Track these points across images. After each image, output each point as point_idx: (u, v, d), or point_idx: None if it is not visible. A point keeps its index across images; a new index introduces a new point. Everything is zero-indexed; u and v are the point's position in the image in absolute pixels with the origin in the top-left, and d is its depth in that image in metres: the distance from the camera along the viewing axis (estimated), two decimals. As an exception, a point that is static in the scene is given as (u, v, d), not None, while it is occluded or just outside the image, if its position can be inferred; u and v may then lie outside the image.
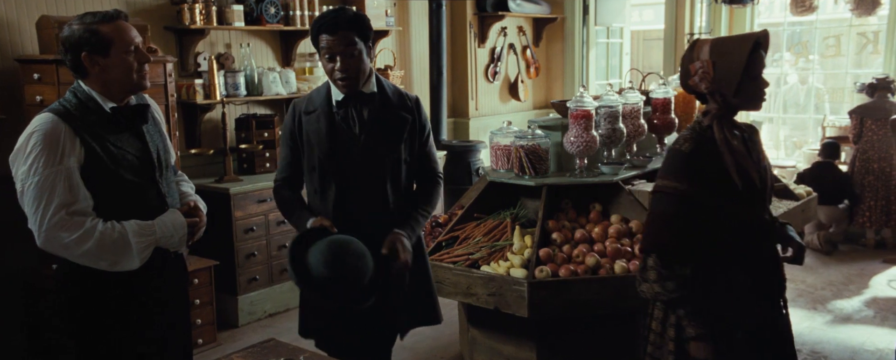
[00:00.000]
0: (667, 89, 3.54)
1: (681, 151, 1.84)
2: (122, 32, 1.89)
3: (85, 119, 1.88)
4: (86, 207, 1.86)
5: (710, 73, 1.84)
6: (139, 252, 1.90)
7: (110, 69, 1.89)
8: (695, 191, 1.80)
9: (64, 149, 1.82)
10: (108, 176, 1.89)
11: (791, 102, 6.62)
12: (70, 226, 1.83)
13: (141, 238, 1.90)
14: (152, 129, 2.06)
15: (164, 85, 3.32)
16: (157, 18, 3.97)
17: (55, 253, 1.88)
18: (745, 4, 5.95)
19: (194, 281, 3.52)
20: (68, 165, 1.83)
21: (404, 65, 5.47)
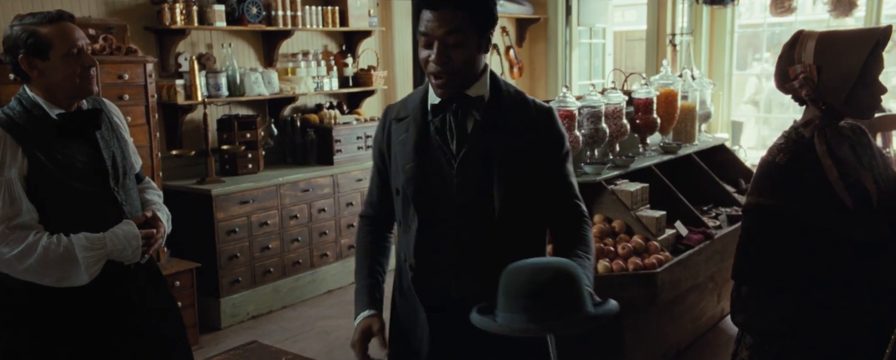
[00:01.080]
0: (649, 89, 3.57)
1: (776, 164, 1.59)
2: (64, 34, 1.78)
3: (29, 127, 1.78)
4: (29, 220, 1.76)
5: (814, 79, 1.56)
6: (87, 267, 1.80)
7: (50, 73, 1.78)
8: (796, 208, 1.55)
9: (4, 159, 1.74)
10: (56, 186, 1.80)
11: (776, 102, 6.69)
12: (11, 241, 1.74)
13: (89, 252, 1.80)
14: (108, 134, 1.94)
15: (144, 86, 3.29)
16: (136, 18, 3.93)
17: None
18: (725, 5, 6.00)
19: (175, 284, 3.49)
20: (9, 177, 1.74)
21: (388, 65, 5.46)
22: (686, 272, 3.04)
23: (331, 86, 4.82)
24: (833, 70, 1.55)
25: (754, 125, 6.86)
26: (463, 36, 1.53)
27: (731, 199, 3.77)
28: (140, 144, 3.28)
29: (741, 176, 4.18)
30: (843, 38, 1.57)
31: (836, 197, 1.54)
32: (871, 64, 1.54)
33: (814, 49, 1.57)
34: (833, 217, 1.55)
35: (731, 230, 3.42)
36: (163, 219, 2.04)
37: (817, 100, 1.59)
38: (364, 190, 4.70)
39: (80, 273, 1.81)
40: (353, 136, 4.71)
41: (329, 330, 3.94)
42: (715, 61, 6.57)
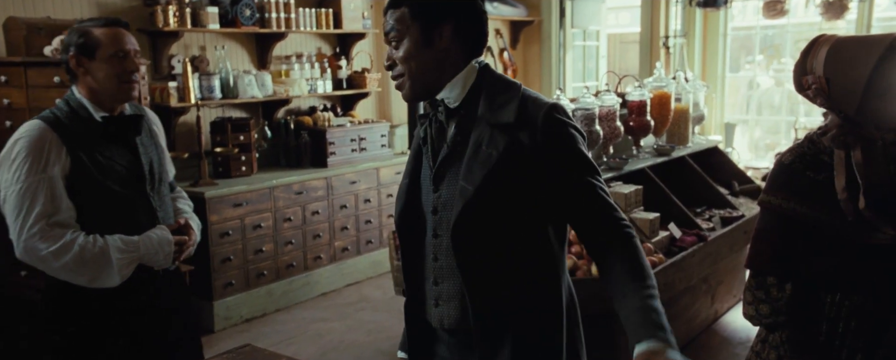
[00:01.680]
0: (642, 92, 3.57)
1: (782, 162, 1.64)
2: (114, 37, 1.86)
3: (74, 128, 1.84)
4: (67, 218, 1.81)
5: (824, 89, 1.55)
6: (120, 269, 1.84)
7: (94, 73, 1.85)
8: (791, 206, 1.59)
9: (48, 157, 1.78)
10: (95, 187, 1.84)
11: (766, 104, 6.72)
12: (49, 237, 1.77)
13: (123, 255, 1.84)
14: (147, 141, 2.00)
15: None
16: (129, 20, 3.85)
17: (33, 265, 1.82)
18: (718, 8, 6.03)
19: (169, 287, 3.47)
20: (52, 175, 1.78)
21: (381, 67, 5.46)
22: (680, 274, 3.05)
23: (324, 88, 4.82)
24: (841, 80, 1.53)
25: (745, 127, 6.88)
26: (401, 32, 1.40)
27: (724, 201, 3.78)
28: (133, 147, 3.26)
29: (734, 178, 4.19)
30: (851, 47, 1.53)
31: (837, 198, 1.54)
32: (883, 72, 1.50)
33: (824, 59, 1.55)
34: (832, 218, 1.56)
35: (725, 232, 3.43)
36: (194, 227, 2.08)
37: (834, 109, 1.57)
38: (358, 192, 4.70)
39: (112, 274, 1.84)
40: (347, 138, 4.71)
41: (323, 333, 3.93)
42: (708, 64, 6.60)
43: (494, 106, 1.39)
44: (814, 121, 5.98)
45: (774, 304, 1.62)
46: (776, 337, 1.68)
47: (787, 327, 1.64)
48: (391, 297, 4.27)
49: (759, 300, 1.64)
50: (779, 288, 1.62)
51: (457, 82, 1.42)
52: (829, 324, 1.61)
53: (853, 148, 1.55)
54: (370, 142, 4.86)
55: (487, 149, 1.36)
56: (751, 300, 1.67)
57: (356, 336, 3.88)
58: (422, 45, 1.39)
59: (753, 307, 1.66)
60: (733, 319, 3.97)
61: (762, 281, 1.64)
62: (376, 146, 4.90)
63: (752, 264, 1.66)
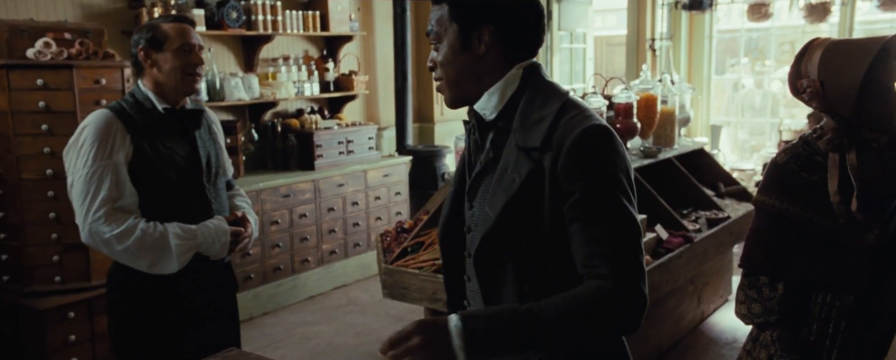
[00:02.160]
0: (629, 94, 3.59)
1: (776, 162, 1.67)
2: (182, 31, 1.95)
3: (138, 118, 1.93)
4: (130, 204, 1.89)
5: (820, 93, 1.56)
6: (178, 255, 1.91)
7: (161, 65, 1.94)
8: (785, 207, 1.61)
9: (114, 143, 1.87)
10: (155, 175, 1.93)
11: (747, 105, 6.78)
12: (113, 221, 1.85)
13: (181, 241, 1.91)
14: (206, 136, 2.08)
15: (121, 90, 3.24)
16: (114, 23, 3.89)
17: (97, 248, 1.91)
18: (703, 10, 6.08)
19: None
20: (116, 160, 1.86)
21: (369, 70, 5.45)
22: (666, 276, 3.06)
23: (312, 91, 4.80)
24: (836, 84, 1.53)
25: (730, 129, 6.94)
26: (440, 34, 1.28)
27: (710, 202, 3.80)
28: (117, 150, 3.24)
29: (720, 180, 4.22)
30: (845, 50, 1.53)
31: (829, 199, 1.56)
32: (877, 74, 1.51)
33: (818, 63, 1.55)
34: (824, 219, 1.58)
35: (711, 234, 3.45)
36: (251, 221, 2.15)
37: (830, 112, 1.58)
38: (345, 195, 4.69)
39: (171, 260, 1.91)
40: (335, 141, 4.69)
41: (310, 336, 3.92)
42: (694, 66, 6.65)
43: (527, 124, 1.23)
44: (798, 122, 6.03)
45: (766, 303, 1.65)
46: (767, 336, 1.70)
47: (777, 326, 1.66)
48: (379, 300, 4.26)
49: (752, 300, 1.67)
50: (771, 288, 1.64)
51: (495, 91, 1.27)
52: (819, 324, 1.63)
53: (848, 151, 1.57)
54: (358, 144, 4.85)
55: (512, 173, 1.22)
56: (743, 299, 1.69)
57: (344, 339, 3.87)
58: (458, 49, 1.26)
59: (745, 305, 1.68)
60: (720, 320, 4.00)
61: (755, 281, 1.67)
62: (364, 149, 4.89)
63: (746, 263, 1.69)
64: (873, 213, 1.54)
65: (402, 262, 3.01)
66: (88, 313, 3.15)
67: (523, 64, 1.28)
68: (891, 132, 1.63)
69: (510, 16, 1.24)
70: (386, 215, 4.98)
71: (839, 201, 1.55)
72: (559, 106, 1.22)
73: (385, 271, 3.00)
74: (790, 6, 5.80)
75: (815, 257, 1.61)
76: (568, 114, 1.21)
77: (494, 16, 1.24)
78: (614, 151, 1.18)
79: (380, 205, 4.94)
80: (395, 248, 3.17)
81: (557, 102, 1.23)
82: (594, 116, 1.21)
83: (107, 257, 3.32)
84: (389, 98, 5.49)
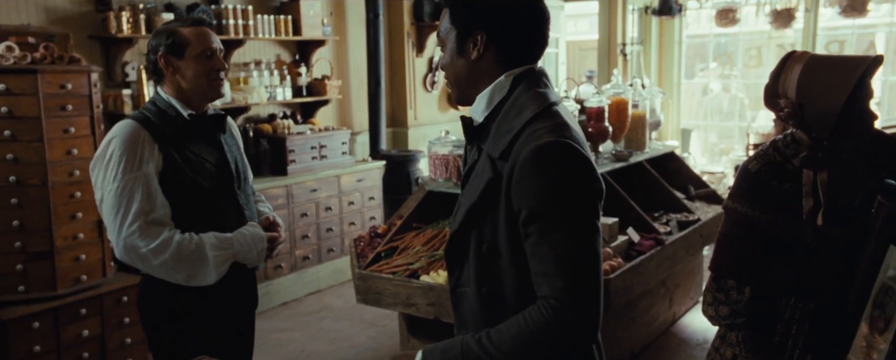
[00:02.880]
0: (600, 98, 3.63)
1: (747, 170, 1.66)
2: (202, 36, 1.89)
3: (164, 126, 1.87)
4: (163, 215, 1.83)
5: (798, 114, 1.56)
6: (216, 266, 1.86)
7: (183, 71, 1.87)
8: (755, 214, 1.62)
9: (142, 155, 1.80)
10: (187, 184, 1.86)
11: (715, 109, 6.90)
12: (147, 235, 1.79)
13: (219, 252, 1.86)
14: (230, 140, 2.03)
15: (88, 96, 3.19)
16: (80, 27, 3.82)
17: (132, 264, 1.84)
18: (673, 16, 6.18)
19: (123, 299, 3.38)
20: (147, 172, 1.80)
21: (342, 74, 5.43)
22: (638, 278, 3.09)
23: (284, 95, 4.77)
24: (816, 106, 1.52)
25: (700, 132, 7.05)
26: (444, 38, 1.32)
27: (680, 205, 3.85)
28: (85, 156, 3.17)
29: (691, 182, 4.28)
30: (826, 71, 1.51)
31: (799, 208, 1.57)
32: (857, 96, 1.50)
33: (797, 82, 1.53)
34: (792, 226, 1.60)
35: (682, 236, 3.50)
36: (280, 224, 2.11)
37: (807, 131, 1.58)
38: (318, 200, 4.66)
39: (209, 272, 1.85)
40: (307, 146, 4.66)
41: (284, 343, 3.88)
42: (664, 70, 6.75)
43: (499, 132, 1.25)
44: (765, 126, 6.15)
45: (733, 306, 1.67)
46: (733, 337, 1.73)
47: (744, 328, 1.69)
48: (353, 305, 4.23)
49: (719, 302, 1.69)
50: (738, 291, 1.67)
51: (484, 96, 1.29)
52: (784, 326, 1.66)
53: (821, 169, 1.57)
54: (331, 149, 4.82)
55: (478, 180, 1.26)
56: (711, 300, 1.72)
57: (318, 346, 3.84)
58: (456, 53, 1.30)
59: (713, 307, 1.71)
60: (691, 321, 4.05)
61: (723, 284, 1.69)
62: (337, 154, 4.87)
63: (716, 267, 1.71)
64: (840, 222, 1.57)
65: (375, 267, 3.00)
66: (54, 322, 3.08)
67: (515, 71, 1.28)
68: (871, 140, 1.65)
69: (502, 23, 1.26)
70: (360, 220, 4.96)
71: (809, 219, 1.57)
72: (530, 117, 1.22)
73: (359, 276, 2.99)
74: (756, 12, 5.92)
75: (783, 263, 1.63)
76: (533, 126, 1.20)
77: (486, 23, 1.26)
78: (568, 168, 1.16)
79: (353, 210, 4.92)
80: (369, 253, 3.15)
81: (530, 113, 1.22)
82: (561, 130, 1.19)
83: (73, 266, 3.26)
84: (363, 103, 5.48)
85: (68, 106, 3.08)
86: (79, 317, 3.17)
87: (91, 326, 3.22)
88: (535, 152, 1.16)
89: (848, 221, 1.57)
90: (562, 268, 1.14)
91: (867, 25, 6.14)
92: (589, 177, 1.18)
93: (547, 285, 1.15)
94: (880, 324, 1.39)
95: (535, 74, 1.29)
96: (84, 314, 3.19)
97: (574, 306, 1.13)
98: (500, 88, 1.28)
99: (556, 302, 1.14)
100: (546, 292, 1.16)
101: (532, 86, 1.27)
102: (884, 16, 5.76)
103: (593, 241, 1.17)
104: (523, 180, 1.17)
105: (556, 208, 1.15)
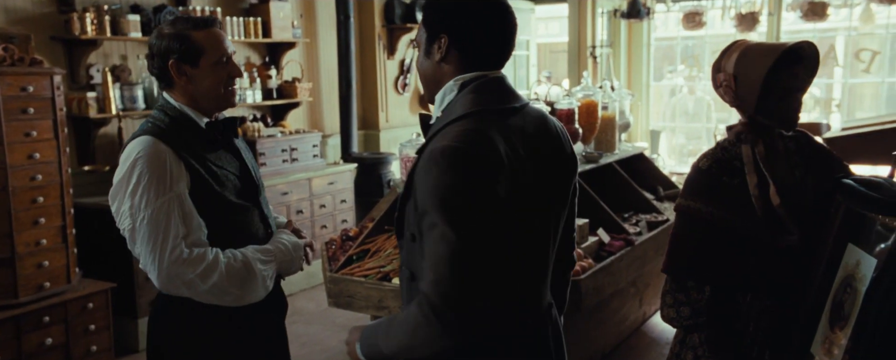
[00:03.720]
0: (570, 100, 3.66)
1: (699, 168, 1.70)
2: (216, 41, 1.71)
3: (182, 138, 1.68)
4: (200, 236, 1.66)
5: (732, 87, 1.65)
6: (263, 281, 1.73)
7: (198, 80, 1.70)
8: (710, 210, 1.65)
9: (171, 174, 1.62)
10: (215, 199, 1.70)
11: (681, 111, 7.01)
12: (192, 260, 1.62)
13: (266, 266, 1.73)
14: (243, 146, 1.88)
15: (51, 99, 3.12)
16: (42, 28, 3.74)
17: (177, 293, 1.65)
18: (641, 19, 6.26)
19: (88, 305, 3.32)
20: (179, 192, 1.63)
21: (313, 77, 5.40)
22: (609, 279, 3.13)
23: (254, 98, 4.72)
24: (744, 80, 1.63)
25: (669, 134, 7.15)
26: (418, 39, 1.40)
27: (650, 206, 3.90)
28: (48, 160, 3.11)
29: (660, 183, 4.34)
30: (756, 51, 1.63)
31: (753, 204, 1.61)
32: (779, 77, 1.59)
33: (735, 59, 1.64)
34: (746, 221, 1.63)
35: (651, 236, 3.54)
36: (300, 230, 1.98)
37: (739, 107, 1.67)
38: (290, 204, 4.62)
39: (257, 288, 1.72)
40: (278, 149, 4.62)
41: (255, 349, 3.83)
42: (633, 73, 6.83)
43: (430, 132, 1.33)
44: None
45: (695, 305, 1.68)
46: (694, 338, 1.73)
47: (706, 327, 1.69)
48: (325, 309, 4.20)
49: (681, 303, 1.70)
50: (698, 290, 1.68)
51: (439, 97, 1.37)
52: (742, 324, 1.67)
53: (755, 144, 1.64)
54: (302, 152, 4.79)
55: (409, 187, 1.30)
56: (671, 302, 1.72)
57: (289, 350, 3.80)
58: (424, 54, 1.37)
59: (674, 309, 1.71)
60: (661, 320, 4.10)
61: (682, 284, 1.69)
62: (308, 157, 4.84)
63: (671, 268, 1.72)
64: (792, 211, 1.62)
65: (347, 270, 2.98)
66: (16, 331, 3.01)
67: (464, 77, 1.33)
68: (797, 139, 1.72)
69: (464, 28, 1.30)
70: (331, 223, 4.93)
71: (758, 195, 1.61)
72: (452, 120, 1.27)
73: (330, 279, 2.97)
74: (722, 15, 6.03)
75: (737, 260, 1.65)
76: (447, 129, 1.26)
77: (449, 27, 1.31)
78: (455, 172, 1.19)
79: (325, 213, 4.89)
80: (341, 256, 3.14)
81: (455, 116, 1.27)
82: (465, 136, 1.22)
83: (36, 272, 3.19)
84: (334, 105, 5.45)
85: (30, 109, 3.01)
86: (41, 325, 3.10)
87: (55, 334, 3.16)
88: (430, 154, 1.23)
89: (799, 218, 1.61)
90: (434, 264, 1.20)
91: (827, 29, 6.30)
92: (478, 182, 1.21)
93: (424, 278, 1.22)
94: (841, 321, 1.43)
95: (486, 81, 1.32)
96: (47, 322, 3.12)
97: (438, 301, 1.18)
98: (450, 90, 1.34)
99: (425, 297, 1.20)
100: (421, 288, 1.23)
101: (474, 91, 1.31)
102: (843, 20, 5.92)
103: (474, 243, 1.19)
104: (418, 178, 1.25)
105: (438, 208, 1.20)
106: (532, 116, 1.36)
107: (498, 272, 1.23)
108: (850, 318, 1.39)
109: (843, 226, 1.47)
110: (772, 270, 1.64)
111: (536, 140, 1.33)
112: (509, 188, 1.24)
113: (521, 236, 1.31)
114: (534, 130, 1.33)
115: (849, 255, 1.45)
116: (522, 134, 1.30)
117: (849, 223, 1.46)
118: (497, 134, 1.25)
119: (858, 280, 1.39)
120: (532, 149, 1.31)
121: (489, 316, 1.22)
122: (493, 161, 1.22)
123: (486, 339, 1.28)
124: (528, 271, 1.37)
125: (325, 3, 5.37)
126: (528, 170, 1.28)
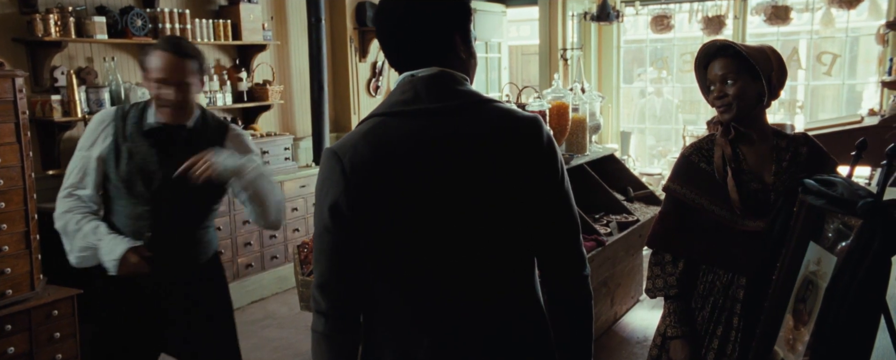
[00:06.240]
0: (542, 102, 3.69)
1: (683, 154, 1.92)
2: (161, 65, 2.03)
3: (128, 119, 2.12)
4: (86, 195, 2.09)
5: (699, 82, 1.89)
6: (72, 250, 2.08)
7: (146, 87, 2.14)
8: (684, 192, 1.84)
9: (96, 139, 2.09)
10: (109, 172, 2.10)
11: (650, 113, 7.11)
12: (65, 201, 2.09)
13: (82, 240, 2.06)
14: (188, 150, 2.07)
15: (13, 101, 3.05)
16: (3, 29, 3.65)
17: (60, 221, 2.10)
18: (611, 22, 6.33)
19: (54, 313, 3.24)
20: (91, 154, 2.08)
21: (284, 79, 5.36)
22: (580, 278, 3.15)
23: (224, 101, 4.67)
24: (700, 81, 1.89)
25: (640, 135, 7.24)
26: None
27: (621, 206, 3.95)
28: (10, 165, 3.04)
29: (630, 184, 4.40)
30: (704, 48, 1.84)
31: (720, 187, 1.79)
32: (704, 72, 1.83)
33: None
34: (714, 204, 1.80)
35: (622, 237, 3.59)
36: (217, 155, 2.07)
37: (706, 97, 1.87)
38: (261, 207, 4.56)
39: (70, 252, 2.09)
40: (249, 152, 4.57)
41: (226, 354, 3.79)
42: (603, 75, 6.91)
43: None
44: (699, 128, 6.37)
45: (668, 278, 1.86)
46: (666, 308, 1.90)
47: (675, 299, 1.85)
48: (297, 313, 4.17)
49: (656, 275, 1.87)
50: (673, 265, 1.86)
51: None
52: (701, 298, 1.85)
53: (717, 132, 1.84)
54: (273, 155, 4.75)
55: None
56: (650, 274, 1.89)
57: (262, 355, 3.76)
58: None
59: (651, 281, 1.88)
60: (632, 320, 4.15)
61: (661, 258, 1.87)
62: (280, 160, 4.80)
63: (651, 241, 1.89)
64: (751, 200, 1.77)
65: (319, 274, 2.96)
66: (-21, 340, 2.93)
67: (400, 78, 1.32)
68: (794, 139, 1.84)
69: (377, 32, 1.34)
70: (304, 226, 4.90)
71: (734, 187, 1.77)
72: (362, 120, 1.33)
73: (303, 283, 2.95)
74: (689, 19, 6.14)
75: (705, 239, 1.82)
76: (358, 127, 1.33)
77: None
78: (320, 173, 1.29)
79: (297, 216, 4.85)
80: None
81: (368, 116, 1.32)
82: (344, 139, 1.27)
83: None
84: (306, 108, 5.41)
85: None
86: (4, 333, 3.02)
87: (18, 342, 3.08)
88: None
89: (763, 207, 1.76)
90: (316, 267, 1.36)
91: (790, 32, 6.45)
92: (329, 185, 1.25)
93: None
94: (804, 317, 1.46)
95: (403, 82, 1.30)
96: (10, 330, 3.04)
97: (315, 309, 1.38)
98: (393, 88, 1.36)
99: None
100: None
101: (401, 88, 1.29)
102: (805, 24, 6.06)
103: (320, 239, 1.30)
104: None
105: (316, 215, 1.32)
106: (468, 115, 1.27)
107: (351, 267, 1.30)
108: (812, 315, 1.42)
109: (806, 224, 1.51)
110: (732, 250, 1.78)
111: (456, 141, 1.25)
112: (363, 193, 1.23)
113: (404, 235, 1.26)
114: (467, 130, 1.26)
115: (810, 253, 1.48)
116: (424, 135, 1.24)
117: (810, 222, 1.50)
118: (375, 139, 1.23)
119: (820, 278, 1.43)
120: (436, 151, 1.24)
121: (345, 305, 1.34)
122: (337, 173, 1.25)
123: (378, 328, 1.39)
124: (428, 269, 1.29)
125: (296, 5, 5.34)
126: (413, 173, 1.23)
